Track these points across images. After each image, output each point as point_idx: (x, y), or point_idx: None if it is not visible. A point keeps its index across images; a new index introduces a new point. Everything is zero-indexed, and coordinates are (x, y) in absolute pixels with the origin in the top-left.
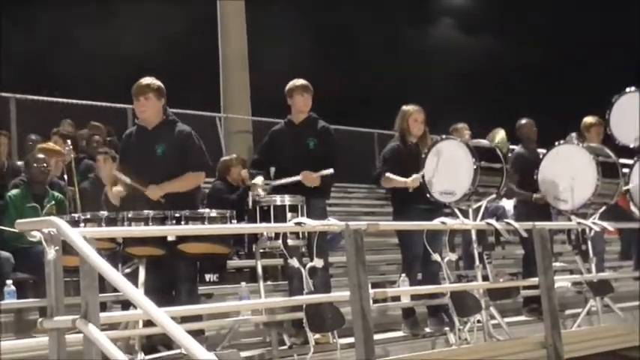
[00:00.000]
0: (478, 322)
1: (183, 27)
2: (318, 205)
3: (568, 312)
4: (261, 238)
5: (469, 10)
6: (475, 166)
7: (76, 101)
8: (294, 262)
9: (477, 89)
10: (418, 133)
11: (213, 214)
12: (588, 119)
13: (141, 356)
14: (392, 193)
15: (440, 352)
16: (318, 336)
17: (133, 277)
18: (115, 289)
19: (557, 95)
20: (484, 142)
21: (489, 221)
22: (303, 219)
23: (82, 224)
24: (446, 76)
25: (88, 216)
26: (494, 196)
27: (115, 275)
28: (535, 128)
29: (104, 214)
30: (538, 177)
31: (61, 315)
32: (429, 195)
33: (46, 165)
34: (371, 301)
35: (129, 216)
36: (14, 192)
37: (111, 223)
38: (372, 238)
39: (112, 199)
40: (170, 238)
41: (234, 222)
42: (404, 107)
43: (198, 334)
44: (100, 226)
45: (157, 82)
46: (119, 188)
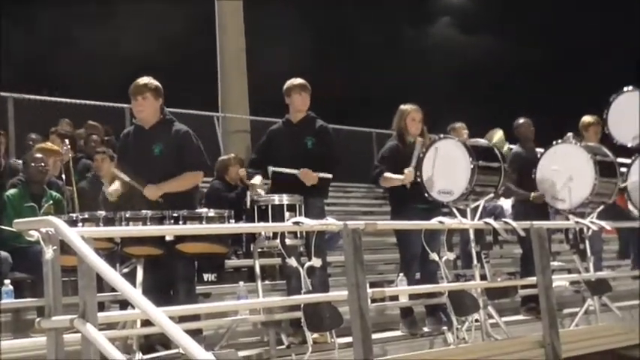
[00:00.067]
0: (476, 321)
1: (182, 27)
2: (316, 204)
3: (566, 311)
4: (259, 238)
5: (468, 9)
6: (473, 166)
7: (74, 101)
8: (292, 262)
9: (476, 88)
10: (416, 133)
11: (211, 213)
12: (586, 118)
13: (139, 356)
14: (390, 193)
15: (438, 351)
16: (316, 335)
17: (131, 276)
18: (113, 289)
19: (556, 95)
20: (482, 142)
21: (487, 220)
22: (301, 218)
23: (80, 224)
24: (445, 75)
25: (86, 215)
26: (492, 195)
27: (113, 275)
28: (533, 128)
29: (102, 213)
30: (536, 176)
31: (59, 315)
32: (426, 194)
33: (44, 164)
34: (369, 300)
35: (127, 216)
36: (12, 191)
37: (109, 222)
38: (370, 237)
39: (109, 196)
40: (168, 238)
41: (232, 221)
42: (402, 106)
43: (196, 334)
44: (98, 226)
45: (155, 82)
46: (116, 186)
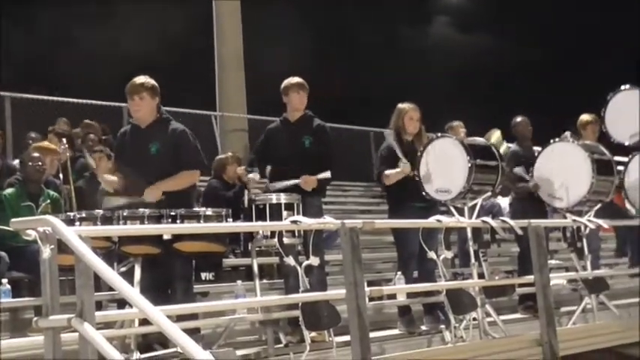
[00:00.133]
0: (474, 319)
1: (182, 27)
2: (314, 203)
3: (563, 309)
4: (257, 237)
5: (467, 9)
6: (470, 164)
7: (72, 100)
8: (290, 261)
9: (476, 88)
10: (414, 131)
11: (209, 212)
12: (584, 117)
13: (137, 355)
14: (387, 191)
15: (436, 349)
16: (314, 334)
17: (129, 275)
18: (111, 288)
19: (556, 95)
20: (479, 140)
21: (485, 219)
22: (299, 217)
23: (78, 223)
24: (444, 75)
25: (84, 215)
26: (489, 193)
27: (111, 274)
28: (530, 126)
29: (99, 212)
30: (533, 175)
31: (57, 314)
32: (424, 193)
33: (41, 164)
34: (367, 299)
35: (124, 214)
36: (9, 191)
37: (106, 221)
38: (368, 236)
39: (105, 187)
40: (166, 237)
41: (230, 220)
42: (399, 105)
43: (194, 333)
44: (95, 225)
45: (151, 81)
46: (113, 177)
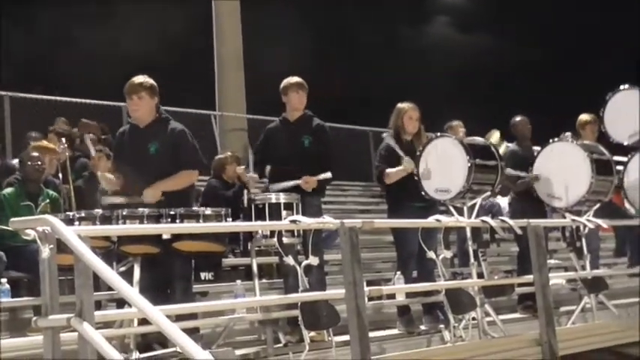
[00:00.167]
0: (473, 319)
1: (182, 27)
2: (313, 202)
3: (563, 309)
4: (257, 236)
5: (467, 9)
6: (469, 164)
7: (71, 99)
8: (290, 260)
9: (475, 88)
10: (413, 131)
11: (208, 212)
12: (583, 117)
13: (136, 355)
14: (387, 191)
15: (435, 349)
16: (313, 334)
17: (128, 275)
18: (110, 288)
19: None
20: (479, 140)
21: (484, 219)
22: (299, 217)
23: (77, 222)
24: (444, 75)
25: (83, 214)
26: (489, 193)
27: (110, 273)
28: (529, 126)
29: (99, 212)
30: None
31: (56, 314)
32: (423, 192)
33: (40, 163)
34: (366, 298)
35: (123, 214)
36: (8, 190)
37: (106, 221)
38: (367, 235)
39: (105, 185)
40: (165, 236)
41: (229, 220)
42: (399, 105)
43: (193, 333)
44: (94, 225)
45: (150, 81)
46: (112, 177)
